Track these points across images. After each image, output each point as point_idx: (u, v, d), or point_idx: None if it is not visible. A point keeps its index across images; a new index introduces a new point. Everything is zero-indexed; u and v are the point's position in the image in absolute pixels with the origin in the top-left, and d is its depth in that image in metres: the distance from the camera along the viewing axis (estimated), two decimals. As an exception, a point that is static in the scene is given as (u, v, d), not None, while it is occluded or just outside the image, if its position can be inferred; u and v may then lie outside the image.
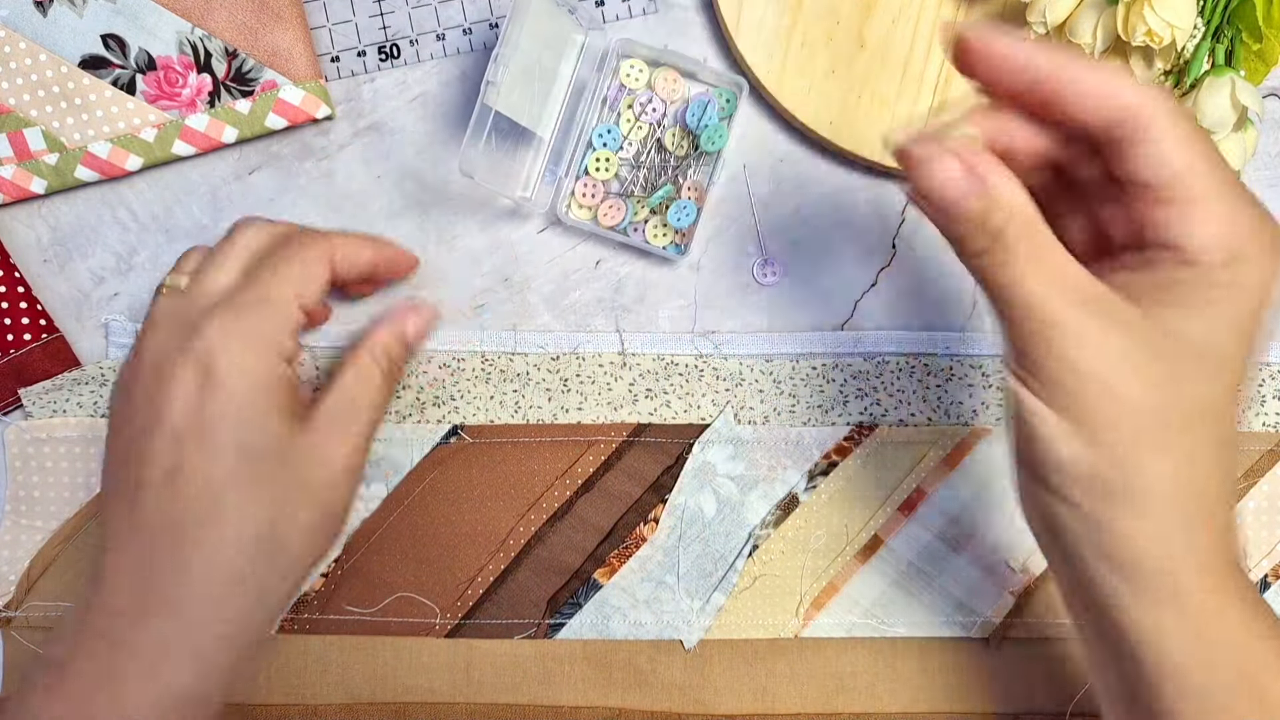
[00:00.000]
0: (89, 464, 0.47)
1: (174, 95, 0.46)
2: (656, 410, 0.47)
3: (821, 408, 0.46)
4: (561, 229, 0.48)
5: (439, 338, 0.47)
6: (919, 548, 0.46)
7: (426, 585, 0.47)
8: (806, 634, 0.46)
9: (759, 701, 0.46)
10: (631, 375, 0.47)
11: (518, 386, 0.47)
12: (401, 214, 0.48)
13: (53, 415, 0.47)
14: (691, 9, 0.47)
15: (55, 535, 0.47)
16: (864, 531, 0.46)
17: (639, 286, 0.47)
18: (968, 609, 0.46)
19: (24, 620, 0.46)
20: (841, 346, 0.46)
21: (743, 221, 0.47)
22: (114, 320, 0.47)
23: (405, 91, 0.48)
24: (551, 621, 0.46)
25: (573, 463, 0.47)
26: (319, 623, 0.47)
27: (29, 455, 0.47)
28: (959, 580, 0.46)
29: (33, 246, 0.48)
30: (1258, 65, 0.42)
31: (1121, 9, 0.38)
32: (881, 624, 0.46)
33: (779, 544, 0.46)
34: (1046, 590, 0.46)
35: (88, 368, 0.47)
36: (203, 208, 0.48)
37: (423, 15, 0.47)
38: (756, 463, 0.46)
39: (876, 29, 0.45)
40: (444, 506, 0.47)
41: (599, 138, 0.46)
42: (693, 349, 0.46)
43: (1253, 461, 0.46)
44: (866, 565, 0.46)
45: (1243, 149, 0.42)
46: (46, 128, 0.46)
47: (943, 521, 0.46)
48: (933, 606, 0.46)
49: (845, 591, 0.46)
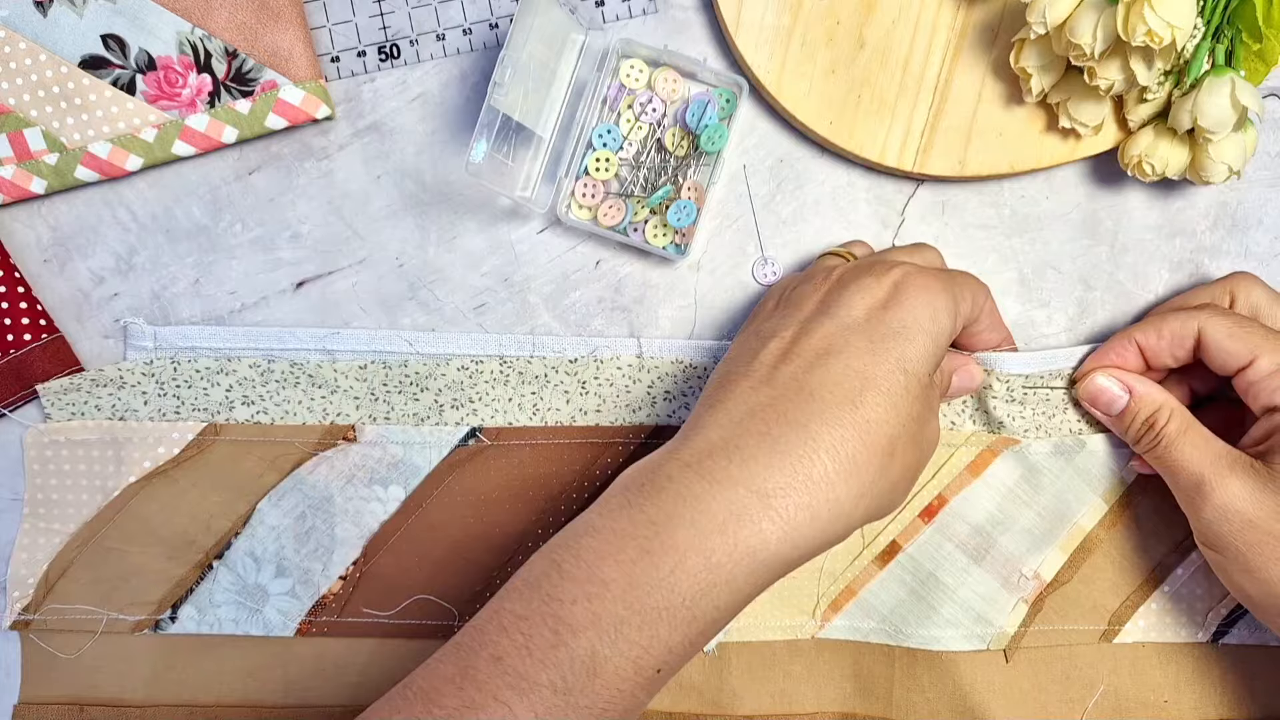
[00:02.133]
0: (106, 467, 0.47)
1: (174, 95, 0.46)
2: (675, 413, 0.46)
3: None
4: (561, 229, 0.48)
5: (456, 341, 0.47)
6: (939, 557, 0.46)
7: (444, 587, 0.46)
8: (823, 635, 0.46)
9: (777, 703, 0.46)
10: (650, 378, 0.46)
11: (536, 389, 0.47)
12: (401, 214, 0.48)
13: (70, 418, 0.47)
14: (691, 9, 0.47)
15: (73, 538, 0.47)
16: (882, 536, 0.46)
17: (639, 286, 0.47)
18: (985, 621, 0.46)
19: (42, 623, 0.46)
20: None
21: (743, 221, 0.47)
22: (132, 323, 0.47)
23: (405, 91, 0.48)
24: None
25: (591, 464, 0.46)
26: (337, 625, 0.47)
27: (47, 458, 0.47)
28: (978, 592, 0.46)
29: (33, 246, 0.48)
30: (1258, 65, 0.42)
31: (1121, 9, 0.38)
32: (899, 633, 0.46)
33: None
34: (1058, 597, 0.46)
35: (106, 369, 0.47)
36: (203, 208, 0.48)
37: (423, 15, 0.47)
38: None
39: (876, 29, 0.45)
40: (462, 509, 0.47)
41: (599, 138, 0.46)
42: (711, 356, 0.46)
43: None
44: (884, 571, 0.46)
45: (1243, 149, 0.42)
46: (46, 128, 0.46)
47: (965, 530, 0.46)
48: (952, 619, 0.46)
49: (862, 596, 0.46)
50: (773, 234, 0.47)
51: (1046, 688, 0.46)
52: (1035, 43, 0.42)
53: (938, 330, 0.38)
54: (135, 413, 0.47)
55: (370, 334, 0.47)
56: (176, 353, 0.47)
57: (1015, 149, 0.45)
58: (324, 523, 0.47)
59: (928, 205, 0.47)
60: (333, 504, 0.47)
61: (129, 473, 0.47)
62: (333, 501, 0.47)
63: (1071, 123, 0.44)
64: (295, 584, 0.47)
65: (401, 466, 0.47)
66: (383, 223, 0.48)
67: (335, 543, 0.47)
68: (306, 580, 0.47)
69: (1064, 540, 0.46)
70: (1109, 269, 0.47)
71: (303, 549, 0.47)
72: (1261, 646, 0.45)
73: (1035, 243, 0.47)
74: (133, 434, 0.47)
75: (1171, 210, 0.47)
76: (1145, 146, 0.43)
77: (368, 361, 0.47)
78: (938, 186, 0.47)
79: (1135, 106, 0.43)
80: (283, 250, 0.48)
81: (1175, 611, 0.46)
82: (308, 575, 0.47)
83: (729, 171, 0.47)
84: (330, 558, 0.47)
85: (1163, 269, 0.47)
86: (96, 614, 0.46)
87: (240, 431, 0.47)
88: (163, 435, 0.47)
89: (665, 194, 0.45)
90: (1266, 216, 0.47)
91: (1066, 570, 0.46)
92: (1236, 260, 0.47)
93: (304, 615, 0.46)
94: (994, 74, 0.45)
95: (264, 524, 0.47)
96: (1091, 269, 0.47)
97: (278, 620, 0.46)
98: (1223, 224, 0.47)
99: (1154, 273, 0.47)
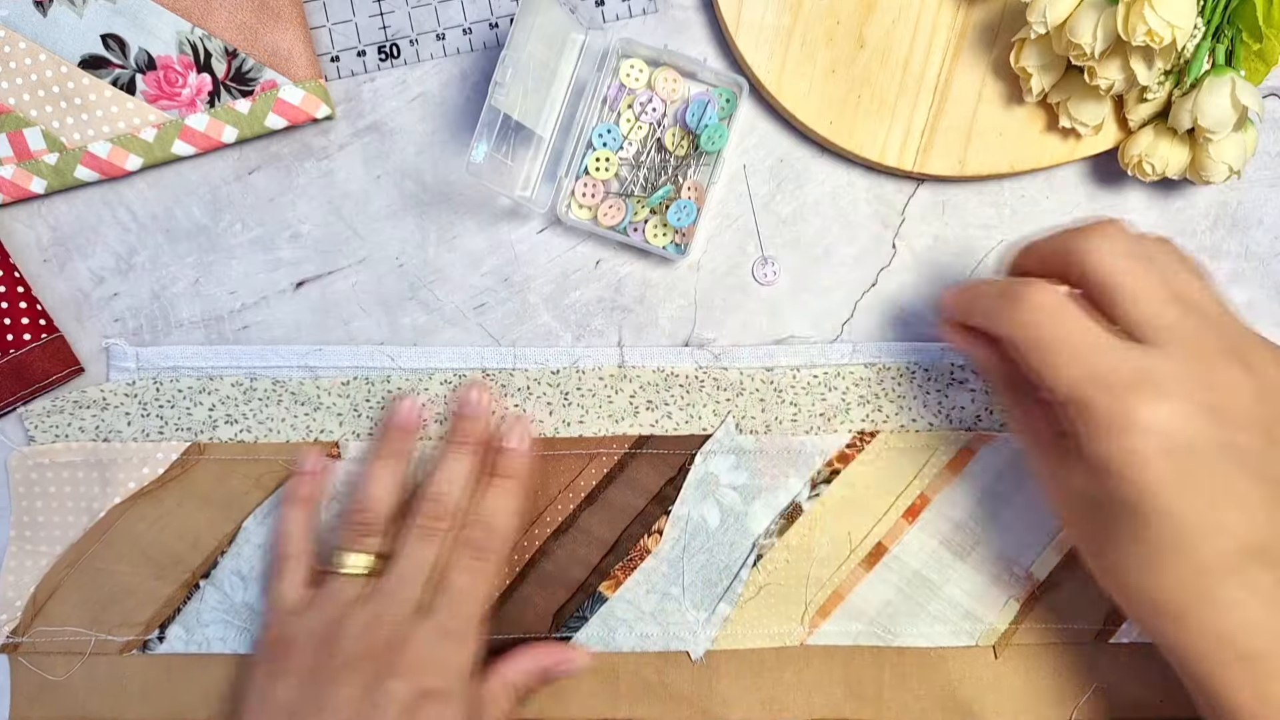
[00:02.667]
0: (92, 488, 0.47)
1: (174, 95, 0.46)
2: (658, 422, 0.46)
3: (823, 415, 0.46)
4: (561, 229, 0.48)
5: (438, 356, 0.47)
6: (924, 555, 0.46)
7: None
8: (812, 642, 0.46)
9: (767, 711, 0.46)
10: (632, 388, 0.46)
11: (519, 401, 0.47)
12: (401, 214, 0.48)
13: (54, 440, 0.47)
14: (691, 9, 0.47)
15: (60, 560, 0.46)
16: (868, 539, 0.46)
17: (639, 286, 0.47)
18: (974, 617, 0.46)
19: (31, 646, 0.46)
20: (841, 356, 0.46)
21: (743, 221, 0.47)
22: (114, 344, 0.47)
23: (405, 91, 0.48)
24: (558, 635, 0.46)
25: (575, 476, 0.46)
26: None
27: (32, 481, 0.47)
28: (964, 588, 0.46)
29: (33, 246, 0.48)
30: (1258, 65, 0.42)
31: (1121, 9, 0.38)
32: (887, 633, 0.46)
33: (783, 553, 0.46)
34: (1052, 596, 0.46)
35: (89, 390, 0.47)
36: (203, 208, 0.48)
37: (423, 15, 0.47)
38: (759, 472, 0.46)
39: (876, 29, 0.45)
40: None
41: (599, 138, 0.46)
42: (692, 361, 0.46)
43: None
44: (871, 573, 0.46)
45: (1243, 149, 0.42)
46: (46, 128, 0.46)
47: (948, 527, 0.46)
48: (939, 615, 0.46)
49: (850, 600, 0.46)
50: (773, 234, 0.47)
51: (1038, 684, 0.46)
52: (1035, 42, 0.42)
53: None
54: (119, 433, 0.47)
55: (353, 350, 0.47)
56: (159, 373, 0.47)
57: (1015, 149, 0.45)
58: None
59: (928, 205, 0.47)
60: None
61: (114, 493, 0.47)
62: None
63: (1071, 123, 0.44)
64: None
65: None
66: (383, 223, 0.48)
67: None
68: None
69: (1059, 540, 0.46)
70: (1109, 269, 0.47)
71: None
72: None
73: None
74: (117, 455, 0.47)
75: (1171, 210, 0.47)
76: (1145, 146, 0.43)
77: (350, 378, 0.47)
78: (938, 186, 0.47)
79: (1135, 106, 0.43)
80: (283, 250, 0.48)
81: None
82: None
83: (729, 171, 0.47)
84: None
85: (1163, 269, 0.47)
86: (85, 635, 0.46)
87: (224, 450, 0.47)
88: (147, 455, 0.47)
89: (665, 194, 0.45)
90: (1266, 216, 0.47)
91: (1062, 570, 0.46)
92: (1237, 260, 0.47)
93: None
94: (994, 74, 0.45)
95: (250, 542, 0.47)
96: (1091, 269, 0.47)
97: None
98: (1223, 224, 0.47)
99: (1154, 273, 0.47)
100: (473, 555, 0.43)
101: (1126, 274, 0.35)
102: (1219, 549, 0.34)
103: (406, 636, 0.40)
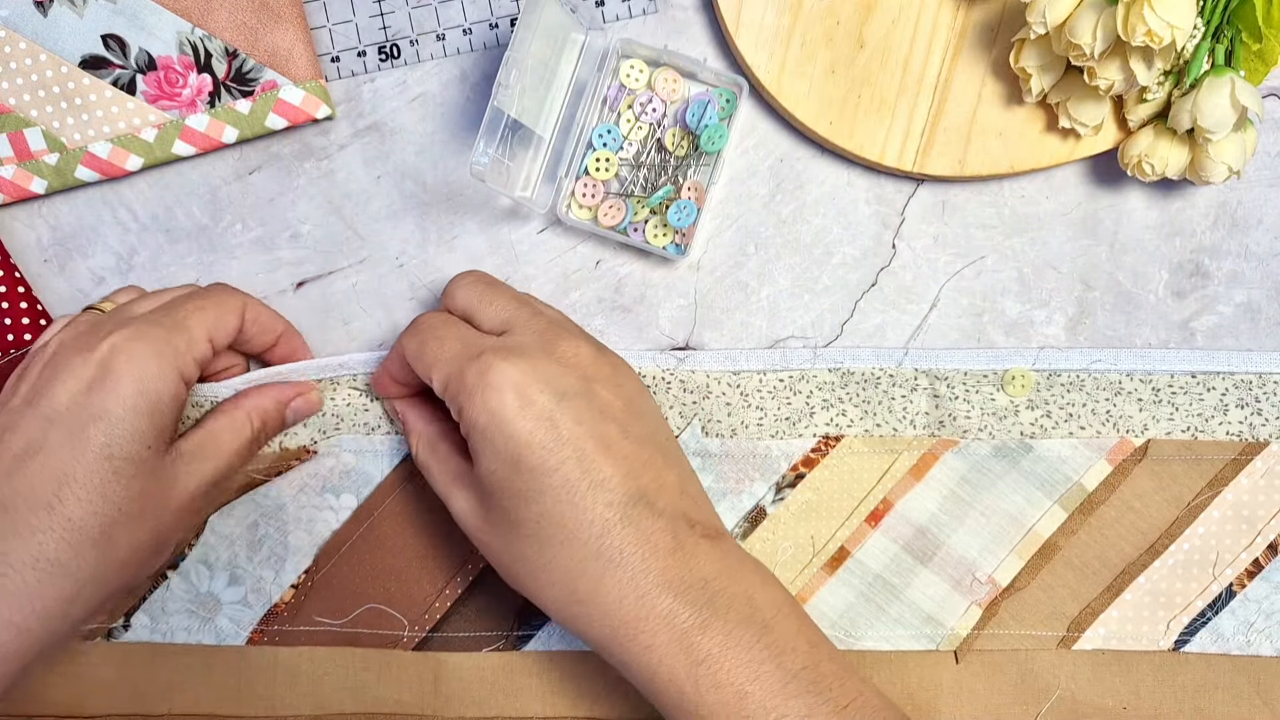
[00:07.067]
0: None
1: (174, 95, 0.46)
2: None
3: (789, 419, 0.46)
4: (561, 229, 0.48)
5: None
6: (886, 559, 0.46)
7: (395, 597, 0.47)
8: None
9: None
10: None
11: None
12: (401, 214, 0.48)
13: None
14: (691, 9, 0.47)
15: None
16: (831, 543, 0.46)
17: (639, 286, 0.47)
18: (935, 622, 0.46)
19: None
20: (806, 361, 0.46)
21: (743, 221, 0.47)
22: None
23: (405, 91, 0.48)
24: (520, 633, 0.46)
25: None
26: (289, 634, 0.46)
27: None
28: (926, 593, 0.46)
29: (33, 246, 0.48)
30: (1258, 65, 0.42)
31: (1121, 9, 0.38)
32: (848, 636, 0.46)
33: None
34: (1014, 602, 0.46)
35: None
36: (203, 208, 0.48)
37: (423, 15, 0.47)
38: (724, 475, 0.46)
39: (876, 29, 0.45)
40: (413, 518, 0.47)
41: (599, 138, 0.46)
42: (657, 364, 0.46)
43: (1216, 470, 0.46)
44: (834, 577, 0.46)
45: (1243, 149, 0.42)
46: (46, 128, 0.46)
47: (910, 532, 0.46)
48: (901, 619, 0.46)
49: (813, 603, 0.46)
50: (773, 234, 0.47)
51: (1000, 690, 0.46)
52: (1035, 43, 0.42)
53: (153, 403, 0.39)
54: None
55: (321, 363, 0.46)
56: None
57: (1015, 149, 0.45)
58: (277, 531, 0.47)
59: (928, 205, 0.47)
60: (285, 512, 0.47)
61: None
62: (285, 510, 0.47)
63: (1071, 123, 0.44)
64: (248, 592, 0.46)
65: (354, 475, 0.47)
66: (383, 223, 0.48)
67: (288, 551, 0.47)
68: (259, 589, 0.46)
69: (1021, 546, 0.46)
70: (1109, 269, 0.47)
71: (255, 557, 0.47)
72: (1223, 655, 0.46)
73: (1035, 242, 0.47)
74: None
75: (1171, 210, 0.47)
76: (1145, 146, 0.43)
77: (317, 380, 0.46)
78: (938, 186, 0.47)
79: (1135, 106, 0.43)
80: (283, 250, 0.48)
81: (1137, 620, 0.46)
82: (260, 583, 0.46)
83: (729, 171, 0.47)
84: (282, 566, 0.47)
85: (1162, 269, 0.47)
86: None
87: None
88: None
89: (665, 194, 0.45)
90: (1266, 216, 0.47)
91: (1024, 576, 0.46)
92: (1236, 260, 0.47)
93: (256, 624, 0.46)
94: (994, 74, 0.45)
95: (214, 532, 0.46)
96: (1091, 269, 0.47)
97: (230, 629, 0.46)
98: (1223, 224, 0.47)
99: (1154, 273, 0.47)
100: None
101: (476, 290, 0.42)
102: (606, 501, 0.37)
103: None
